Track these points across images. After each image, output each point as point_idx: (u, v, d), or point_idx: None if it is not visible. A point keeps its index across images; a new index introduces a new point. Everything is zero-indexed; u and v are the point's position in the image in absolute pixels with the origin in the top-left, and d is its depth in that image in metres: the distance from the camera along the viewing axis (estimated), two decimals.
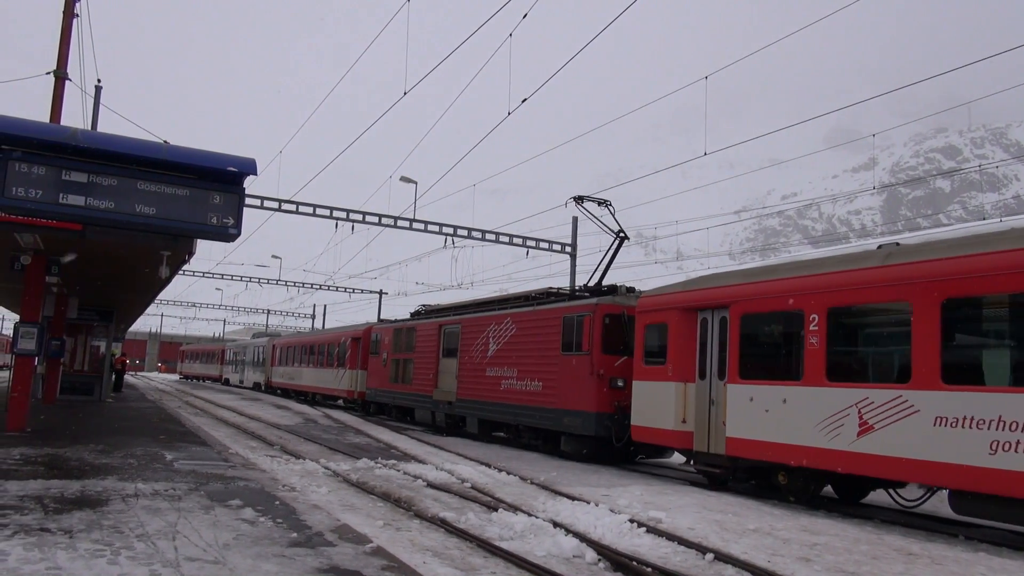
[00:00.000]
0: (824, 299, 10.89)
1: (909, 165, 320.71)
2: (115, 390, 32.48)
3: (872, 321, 10.99)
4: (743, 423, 11.90)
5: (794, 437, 10.99)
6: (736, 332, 12.37)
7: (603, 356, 15.60)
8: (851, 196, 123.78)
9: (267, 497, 8.68)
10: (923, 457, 9.31)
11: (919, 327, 9.55)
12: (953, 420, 9.02)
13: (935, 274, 9.54)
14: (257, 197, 25.77)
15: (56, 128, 10.88)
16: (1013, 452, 8.34)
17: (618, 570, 7.19)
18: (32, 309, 15.07)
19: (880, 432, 9.83)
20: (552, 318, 17.36)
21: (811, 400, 10.83)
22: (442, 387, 22.41)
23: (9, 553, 5.53)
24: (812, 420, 10.75)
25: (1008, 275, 8.74)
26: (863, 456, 10.00)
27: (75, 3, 16.21)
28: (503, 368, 19.04)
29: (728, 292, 12.76)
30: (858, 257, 11.20)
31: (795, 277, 11.64)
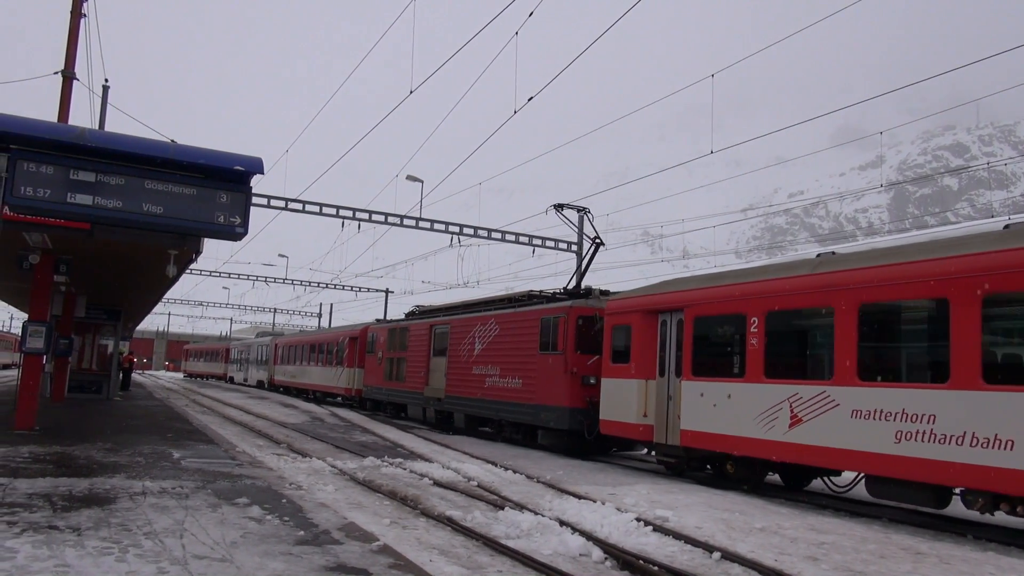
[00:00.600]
0: (763, 304, 11.98)
1: (917, 163, 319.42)
2: (123, 388, 32.61)
3: (803, 324, 11.94)
4: (695, 417, 12.95)
5: (737, 429, 12.06)
6: (689, 333, 13.44)
7: (576, 355, 16.55)
8: (858, 194, 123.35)
9: (274, 495, 8.70)
10: (843, 446, 10.41)
11: (840, 329, 10.63)
12: (867, 412, 10.10)
13: (853, 282, 10.60)
14: (264, 196, 25.83)
15: (64, 128, 10.92)
16: (914, 441, 9.47)
17: (625, 569, 7.19)
18: (40, 308, 15.14)
19: (808, 424, 10.89)
20: (531, 319, 18.34)
21: (751, 395, 11.87)
22: (432, 384, 23.29)
23: (18, 550, 5.55)
24: (752, 413, 11.79)
25: (909, 284, 9.92)
26: (794, 446, 11.09)
27: (82, 3, 16.27)
28: (487, 366, 19.98)
29: (683, 296, 13.85)
30: (794, 265, 12.31)
31: (739, 283, 12.73)
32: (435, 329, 23.72)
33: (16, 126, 8.96)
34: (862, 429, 10.10)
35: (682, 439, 13.16)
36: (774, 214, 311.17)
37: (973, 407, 8.92)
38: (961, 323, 9.14)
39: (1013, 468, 8.42)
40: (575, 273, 18.68)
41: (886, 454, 9.76)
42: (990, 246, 9.22)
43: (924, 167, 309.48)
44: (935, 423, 9.30)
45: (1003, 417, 8.59)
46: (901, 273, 10.07)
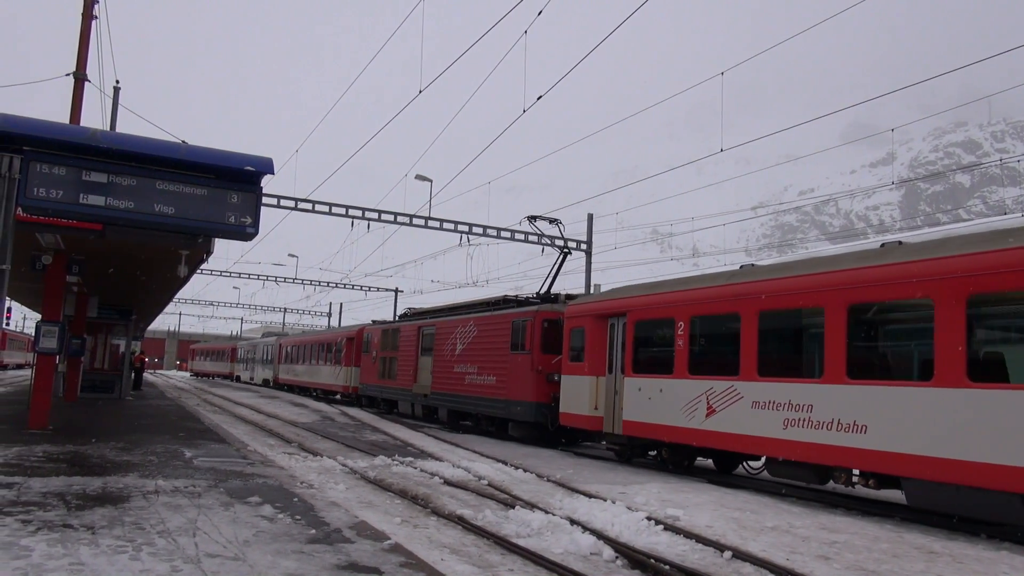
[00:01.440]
0: (687, 309, 13.70)
1: (928, 160, 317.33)
2: (134, 388, 32.81)
3: (717, 327, 13.51)
4: (634, 409, 14.69)
5: (667, 419, 13.77)
6: (631, 335, 15.14)
7: (542, 355, 18.17)
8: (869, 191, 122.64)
9: (285, 494, 8.73)
10: (746, 432, 12.06)
11: (744, 332, 12.32)
12: (763, 404, 11.76)
13: (754, 292, 12.31)
14: (274, 196, 25.93)
15: (76, 129, 10.99)
16: (796, 427, 11.15)
17: (635, 568, 7.18)
18: (53, 308, 15.26)
19: (720, 414, 12.58)
20: (504, 322, 20.00)
21: (678, 390, 13.60)
22: (420, 382, 24.98)
23: (33, 549, 5.60)
24: (679, 405, 13.49)
25: (795, 295, 11.62)
26: (709, 433, 12.76)
27: (93, 5, 16.37)
28: (467, 365, 21.67)
29: (626, 302, 15.50)
30: (715, 276, 14.02)
31: (670, 292, 14.44)
32: (422, 330, 25.29)
33: (29, 128, 9.02)
34: (760, 418, 11.80)
35: (624, 429, 14.91)
36: (784, 212, 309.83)
37: (840, 398, 10.61)
38: (833, 329, 10.84)
39: (867, 448, 10.17)
40: (547, 278, 20.57)
41: (777, 438, 11.46)
42: (854, 263, 10.95)
43: (936, 164, 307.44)
44: (813, 412, 10.98)
45: (861, 406, 10.31)
46: (787, 286, 11.85)
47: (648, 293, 15.14)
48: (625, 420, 14.85)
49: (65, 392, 22.59)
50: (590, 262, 30.35)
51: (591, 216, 30.62)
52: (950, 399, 9.22)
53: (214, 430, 16.98)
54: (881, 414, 10.05)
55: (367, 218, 27.79)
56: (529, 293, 21.30)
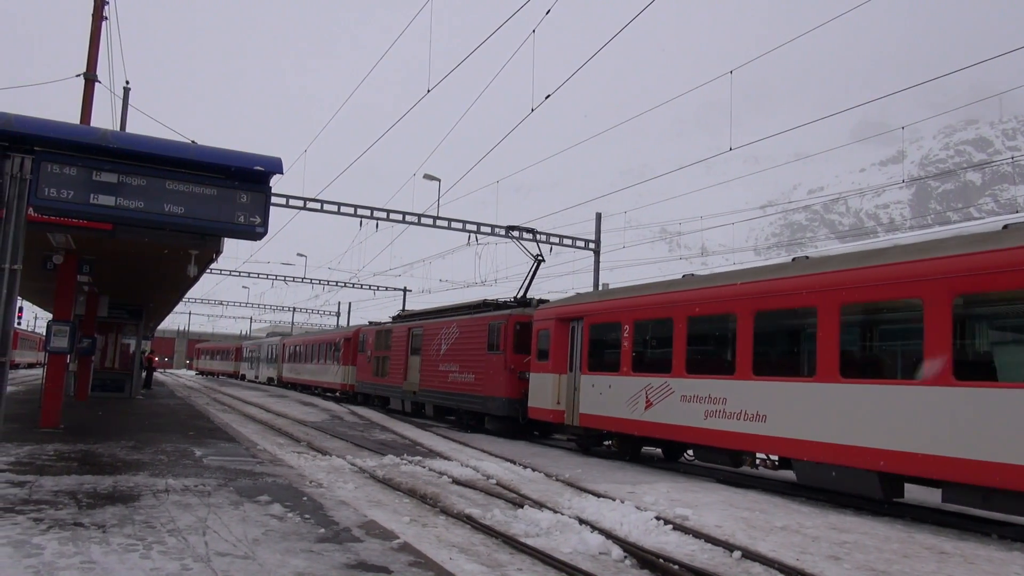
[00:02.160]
0: (631, 314, 15.38)
1: (939, 158, 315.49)
2: (145, 387, 32.97)
3: (655, 330, 15.06)
4: (588, 403, 16.31)
5: (615, 412, 15.41)
6: (586, 337, 16.76)
7: (514, 355, 19.73)
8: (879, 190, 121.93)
9: (295, 493, 8.76)
10: (676, 422, 13.71)
11: (676, 335, 13.98)
12: (690, 397, 13.44)
13: (684, 300, 14.06)
14: (282, 196, 26.00)
15: (87, 129, 11.04)
16: (714, 418, 12.79)
17: (644, 567, 7.16)
18: (64, 308, 15.34)
19: (656, 407, 14.23)
20: (481, 324, 21.56)
21: (623, 385, 15.21)
22: (409, 379, 26.61)
23: (45, 547, 5.63)
24: (623, 399, 15.13)
25: (716, 303, 13.33)
26: (648, 423, 14.42)
27: (104, 6, 16.45)
28: (450, 364, 23.29)
29: (584, 307, 17.14)
30: (655, 285, 15.70)
31: (618, 299, 16.17)
32: (412, 331, 26.96)
33: (40, 128, 9.06)
34: (687, 409, 13.48)
35: (581, 421, 16.54)
36: (794, 211, 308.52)
37: (747, 392, 12.26)
38: (743, 333, 12.55)
39: (766, 435, 11.83)
40: (522, 284, 22.19)
41: (700, 427, 13.12)
42: (760, 276, 12.68)
43: (946, 162, 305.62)
44: (727, 404, 12.62)
45: (763, 399, 11.94)
46: (709, 295, 13.51)
47: (601, 299, 17.02)
48: (581, 413, 16.53)
49: (76, 391, 22.71)
50: (598, 261, 30.31)
51: (599, 215, 30.58)
52: (827, 392, 10.96)
53: (224, 429, 17.04)
54: (778, 405, 11.74)
55: (375, 218, 27.83)
56: (507, 297, 22.54)
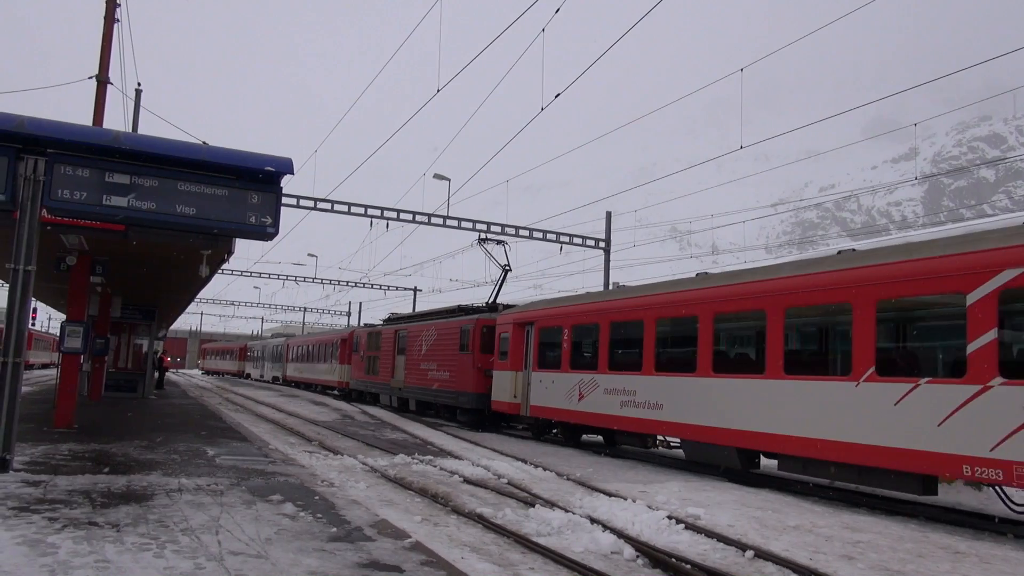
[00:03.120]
0: (569, 320, 17.95)
1: (952, 155, 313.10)
2: (157, 387, 33.16)
3: (586, 334, 17.49)
4: (537, 396, 18.81)
5: (556, 404, 17.95)
6: (536, 339, 19.27)
7: (481, 355, 22.15)
8: (891, 187, 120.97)
9: (307, 492, 8.78)
10: (601, 411, 16.21)
11: (601, 338, 16.52)
12: (611, 390, 15.94)
13: (606, 308, 16.66)
14: (293, 196, 26.08)
15: (100, 131, 11.11)
16: (628, 407, 15.28)
17: (657, 567, 7.14)
18: (78, 308, 15.44)
19: (586, 398, 16.73)
20: (454, 328, 23.99)
21: (563, 381, 17.75)
22: (396, 377, 28.94)
23: (59, 546, 5.67)
24: (563, 393, 17.65)
25: (630, 311, 15.83)
26: (581, 412, 16.92)
27: (116, 9, 16.54)
28: (429, 363, 25.67)
29: (535, 314, 19.71)
30: (589, 295, 18.93)
31: (560, 307, 18.84)
32: (398, 333, 29.27)
33: (53, 130, 9.13)
34: (608, 400, 15.95)
35: (531, 412, 19.06)
36: (805, 208, 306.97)
37: (650, 385, 14.79)
38: (648, 335, 15.04)
39: (663, 420, 14.32)
40: (492, 292, 24.94)
41: (618, 415, 15.61)
42: (663, 290, 15.34)
43: (959, 159, 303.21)
44: (636, 396, 15.13)
45: (661, 391, 14.44)
46: (624, 304, 16.14)
47: (548, 307, 19.43)
48: (532, 405, 19.03)
49: (89, 391, 22.87)
50: (608, 260, 30.26)
51: (609, 214, 30.52)
52: (703, 385, 13.44)
53: (236, 428, 17.11)
54: (671, 396, 14.20)
55: (386, 217, 27.88)
56: (480, 303, 25.16)
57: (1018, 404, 8.56)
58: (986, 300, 9.07)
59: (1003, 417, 8.69)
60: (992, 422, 8.79)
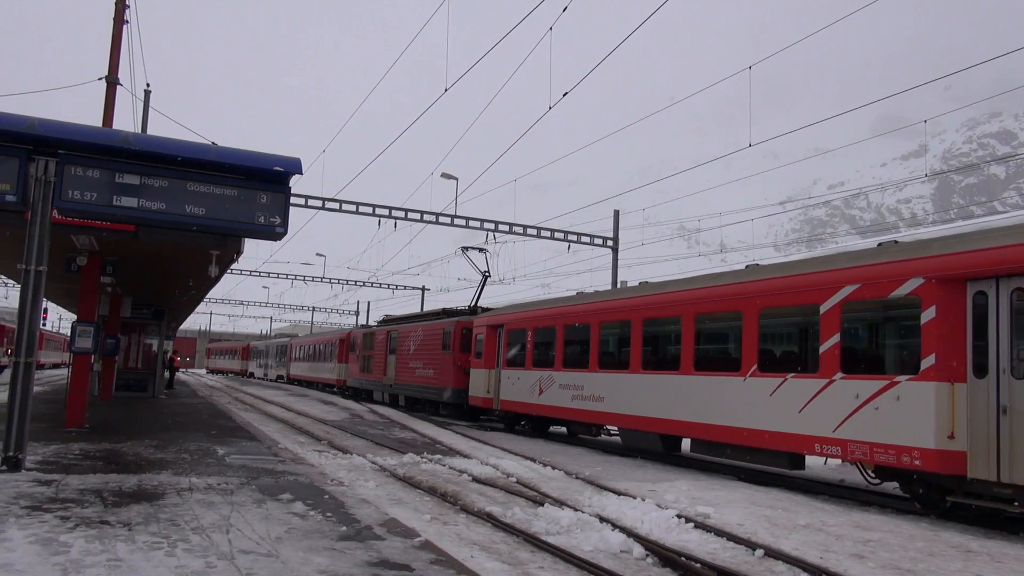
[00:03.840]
0: (532, 323, 20.11)
1: (962, 151, 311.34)
2: (167, 387, 33.30)
3: (544, 336, 19.54)
4: (506, 391, 20.90)
5: (521, 398, 20.05)
6: (505, 340, 21.32)
7: (460, 354, 24.37)
8: (900, 184, 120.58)
9: (316, 491, 8.81)
10: (557, 404, 18.27)
11: (557, 339, 18.70)
12: (564, 385, 17.96)
13: (561, 313, 18.85)
14: (301, 196, 26.13)
15: (109, 132, 11.17)
16: (577, 400, 17.33)
17: (666, 566, 7.13)
18: (88, 309, 15.52)
19: (546, 393, 18.79)
20: (438, 329, 26.25)
21: (527, 378, 19.77)
22: (387, 375, 31.09)
23: (72, 545, 5.70)
24: (526, 388, 19.74)
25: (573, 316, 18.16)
26: (540, 405, 19.02)
27: (124, 10, 16.61)
28: (416, 361, 27.81)
29: (503, 318, 21.89)
30: (547, 302, 20.90)
31: (524, 311, 20.92)
32: (390, 334, 31.41)
33: (64, 131, 9.18)
34: (563, 394, 18.00)
35: (501, 405, 21.17)
36: (813, 206, 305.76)
37: (595, 381, 16.85)
38: (593, 338, 17.22)
39: (605, 411, 16.40)
40: (474, 296, 27.11)
41: (570, 407, 17.71)
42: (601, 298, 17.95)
43: (969, 156, 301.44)
44: (584, 390, 17.16)
45: (603, 386, 16.56)
46: (575, 310, 18.32)
47: (515, 312, 21.54)
48: (502, 399, 21.12)
49: (100, 391, 22.98)
50: (616, 259, 30.20)
51: (617, 212, 30.48)
52: (633, 380, 15.57)
53: (245, 428, 17.17)
54: (610, 390, 16.22)
55: (394, 217, 27.93)
56: (463, 306, 27.07)
57: (852, 394, 10.60)
58: (833, 310, 11.15)
59: (842, 404, 10.73)
60: (835, 408, 10.83)
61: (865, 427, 10.35)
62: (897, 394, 10.04)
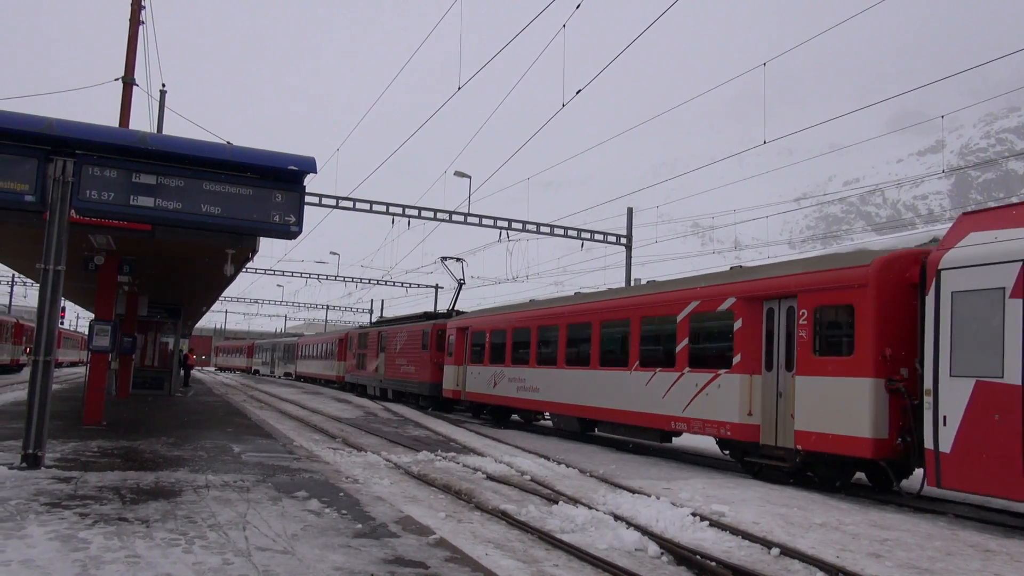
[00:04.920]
0: (489, 326, 23.48)
1: (979, 147, 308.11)
2: (183, 385, 33.54)
3: (498, 337, 22.87)
4: (471, 384, 24.36)
5: (481, 390, 23.50)
6: (470, 341, 24.82)
7: (436, 352, 27.71)
8: (917, 180, 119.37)
9: (332, 489, 8.85)
10: (506, 395, 21.75)
11: (507, 340, 22.01)
12: (512, 379, 21.39)
13: (510, 319, 22.41)
14: (316, 195, 26.24)
15: (127, 132, 11.26)
16: (522, 391, 20.76)
17: (681, 564, 7.12)
18: (106, 307, 15.65)
19: (499, 385, 22.19)
20: (419, 330, 29.82)
21: (486, 372, 23.19)
22: (378, 371, 34.81)
23: (91, 541, 5.76)
24: (484, 381, 23.21)
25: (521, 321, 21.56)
26: (495, 396, 22.55)
27: (140, 11, 16.73)
28: (402, 359, 31.47)
29: (469, 321, 25.47)
30: (499, 308, 25.08)
31: (483, 316, 24.84)
32: (381, 334, 35.02)
33: (81, 132, 9.26)
34: (510, 386, 21.46)
35: (467, 396, 24.65)
36: (829, 203, 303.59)
37: (533, 375, 20.25)
38: (533, 339, 20.63)
39: (541, 400, 19.84)
40: (451, 301, 30.76)
41: (516, 397, 21.21)
42: (539, 307, 21.30)
43: (987, 151, 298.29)
44: (525, 382, 20.60)
45: (539, 379, 19.89)
46: (522, 316, 21.75)
47: (479, 316, 25.41)
48: (467, 391, 24.61)
49: (117, 389, 23.18)
50: (630, 256, 30.14)
51: (631, 210, 30.40)
52: (560, 374, 19.00)
53: (261, 426, 17.28)
54: (544, 383, 19.70)
55: (407, 215, 28.00)
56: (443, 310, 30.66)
57: (694, 383, 14.16)
58: (684, 320, 14.78)
59: (688, 391, 14.30)
60: (684, 394, 14.39)
61: (701, 408, 13.88)
62: (719, 383, 13.52)
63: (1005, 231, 9.90)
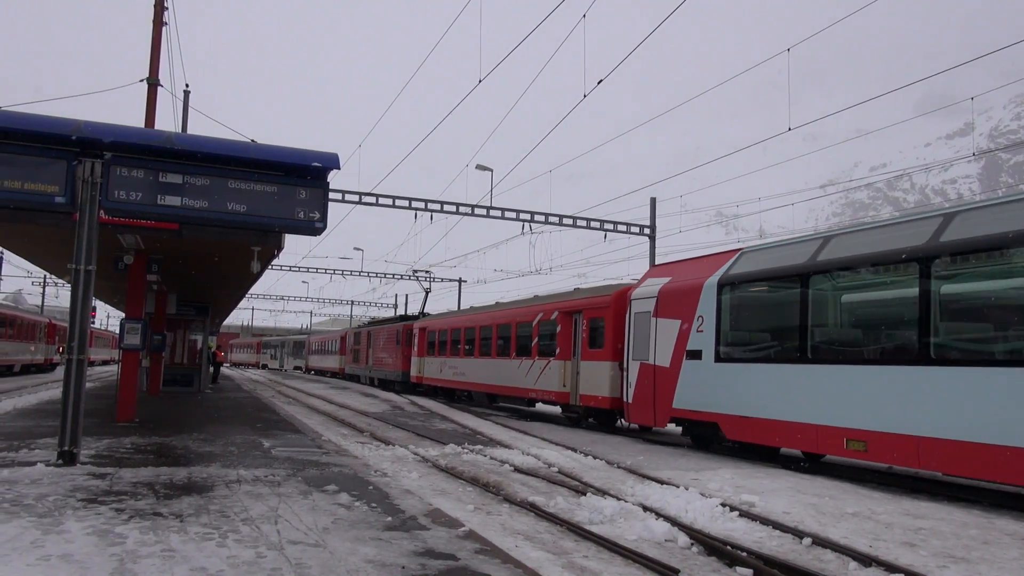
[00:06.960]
0: (437, 327, 30.98)
1: (1010, 128, 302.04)
2: (212, 381, 33.96)
3: (443, 336, 29.79)
4: (428, 371, 31.87)
5: (433, 375, 31.07)
6: (426, 338, 32.13)
7: (406, 347, 35.40)
8: (946, 164, 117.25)
9: (361, 482, 8.92)
10: (449, 379, 29.32)
11: (448, 338, 29.79)
12: (450, 367, 29.27)
13: (452, 322, 30.24)
14: (339, 191, 26.37)
15: (153, 133, 11.38)
16: (458, 376, 28.52)
17: (712, 554, 7.08)
18: (136, 306, 15.88)
19: (443, 372, 29.81)
20: (394, 329, 37.95)
21: (436, 362, 30.69)
22: (368, 364, 42.58)
23: (127, 536, 5.86)
24: (435, 368, 30.72)
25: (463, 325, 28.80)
26: (442, 380, 29.92)
27: (163, 13, 16.89)
28: (383, 353, 39.65)
29: (426, 323, 32.77)
30: (449, 314, 32.90)
31: (437, 319, 31.96)
32: (370, 332, 43.10)
33: (110, 133, 9.37)
34: (449, 372, 29.03)
35: (425, 381, 31.86)
36: (855, 189, 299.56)
37: (464, 364, 27.80)
38: (461, 338, 27.94)
39: (466, 381, 27.61)
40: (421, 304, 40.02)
41: (455, 380, 28.48)
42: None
43: (1018, 133, 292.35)
44: (458, 369, 28.11)
45: (466, 367, 27.44)
46: (460, 319, 29.16)
47: (433, 320, 32.40)
48: (425, 377, 32.00)
49: (148, 386, 23.52)
50: (654, 247, 29.96)
51: (653, 200, 30.20)
52: (476, 362, 26.41)
53: (289, 421, 17.45)
54: (470, 369, 26.89)
55: (430, 210, 28.04)
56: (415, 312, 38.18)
57: (540, 367, 21.51)
58: (536, 324, 22.24)
59: (536, 372, 21.80)
60: (535, 373, 21.84)
61: (543, 382, 21.31)
62: (551, 366, 20.95)
63: (656, 279, 16.58)
